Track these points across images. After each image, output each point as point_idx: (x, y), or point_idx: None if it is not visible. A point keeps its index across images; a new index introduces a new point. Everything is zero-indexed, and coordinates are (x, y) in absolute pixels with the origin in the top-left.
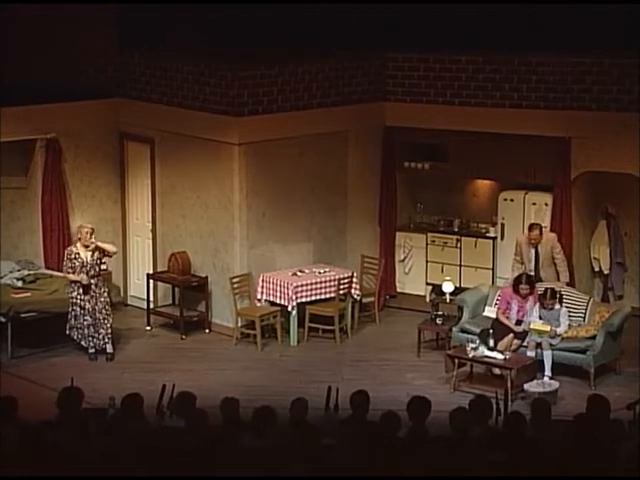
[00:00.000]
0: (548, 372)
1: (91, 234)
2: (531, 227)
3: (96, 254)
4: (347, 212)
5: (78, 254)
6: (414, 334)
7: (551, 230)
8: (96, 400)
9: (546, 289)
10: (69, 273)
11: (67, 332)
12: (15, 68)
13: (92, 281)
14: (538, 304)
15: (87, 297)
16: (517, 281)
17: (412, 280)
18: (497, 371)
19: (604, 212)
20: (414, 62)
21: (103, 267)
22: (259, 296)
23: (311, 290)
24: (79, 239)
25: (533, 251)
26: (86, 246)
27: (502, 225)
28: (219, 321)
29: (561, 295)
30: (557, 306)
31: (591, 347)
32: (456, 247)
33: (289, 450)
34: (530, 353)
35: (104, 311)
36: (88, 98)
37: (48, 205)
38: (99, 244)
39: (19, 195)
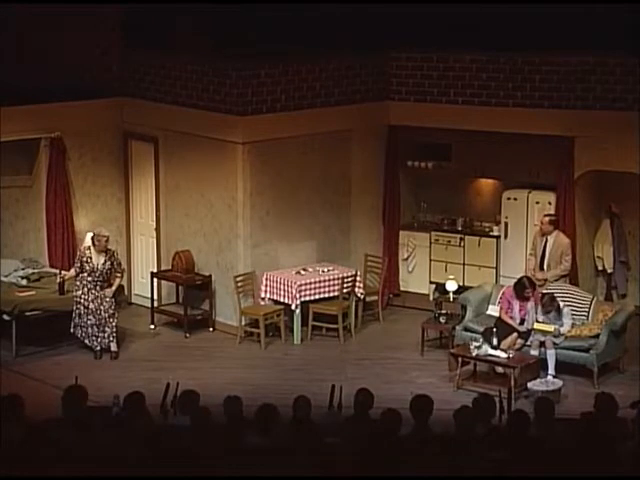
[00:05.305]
0: (551, 371)
1: (107, 240)
2: (544, 215)
3: (107, 263)
4: (351, 211)
5: (90, 258)
6: (417, 333)
7: (554, 229)
8: (100, 398)
9: (543, 294)
10: (76, 272)
11: (71, 330)
12: (19, 67)
13: (98, 284)
14: (540, 306)
15: (91, 297)
16: (520, 286)
17: (415, 279)
18: (500, 370)
19: (608, 211)
20: (418, 61)
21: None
22: (263, 295)
23: (315, 289)
24: (94, 245)
25: (542, 244)
26: (101, 251)
27: (506, 224)
28: (223, 320)
29: (559, 304)
30: (554, 309)
31: (594, 346)
32: (460, 246)
33: (292, 448)
34: (533, 352)
35: (110, 310)
36: (92, 97)
37: (52, 204)
38: (116, 260)
39: (24, 194)
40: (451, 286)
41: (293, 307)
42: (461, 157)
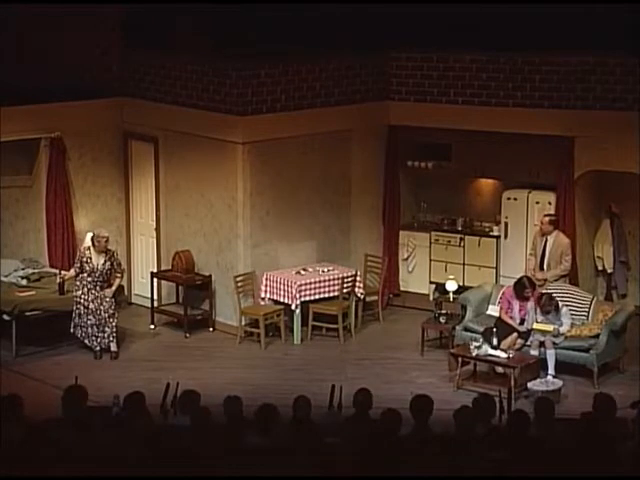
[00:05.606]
0: (551, 371)
1: (107, 241)
2: (544, 215)
3: (107, 264)
4: (351, 211)
5: (90, 258)
6: (417, 333)
7: (554, 229)
8: (100, 398)
9: (542, 294)
10: (76, 272)
11: (72, 330)
12: (19, 67)
13: (98, 284)
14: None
15: (91, 297)
16: (520, 285)
17: (415, 279)
18: (500, 370)
19: (608, 211)
20: (418, 61)
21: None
22: (263, 295)
23: (315, 289)
24: (94, 245)
25: (542, 244)
26: (101, 252)
27: (506, 224)
28: (223, 320)
29: (557, 302)
30: (553, 308)
31: (594, 346)
32: (460, 246)
33: (292, 448)
34: (533, 352)
35: (110, 310)
36: (92, 97)
37: (52, 204)
38: (115, 260)
39: (24, 194)
40: (451, 286)
41: (293, 307)
42: (461, 157)
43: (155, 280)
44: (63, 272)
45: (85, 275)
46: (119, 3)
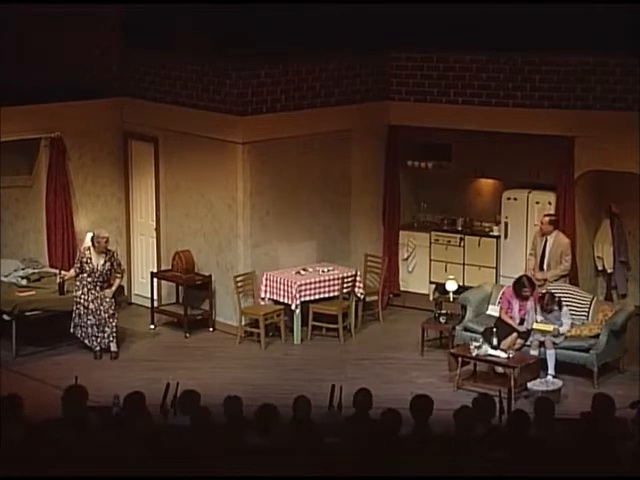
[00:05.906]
0: (551, 371)
1: (107, 241)
2: (544, 215)
3: (107, 264)
4: (351, 211)
5: (90, 259)
6: (417, 333)
7: (554, 229)
8: (100, 398)
9: (544, 293)
10: (76, 272)
11: (71, 330)
12: (19, 67)
13: (98, 285)
14: (539, 306)
15: (91, 297)
16: (519, 284)
17: (415, 279)
18: (500, 370)
19: (608, 211)
20: (418, 61)
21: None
22: (263, 295)
23: (315, 289)
24: (94, 245)
25: (542, 244)
26: (101, 252)
27: (506, 224)
28: (223, 320)
29: (560, 300)
30: (556, 307)
31: (594, 346)
32: (460, 246)
33: (292, 448)
34: (533, 352)
35: (110, 310)
36: (92, 97)
37: (52, 204)
38: (115, 261)
39: (24, 194)
40: (451, 286)
41: (293, 307)
42: (461, 157)
43: (155, 280)
44: (63, 272)
45: (85, 275)
46: (119, 3)
